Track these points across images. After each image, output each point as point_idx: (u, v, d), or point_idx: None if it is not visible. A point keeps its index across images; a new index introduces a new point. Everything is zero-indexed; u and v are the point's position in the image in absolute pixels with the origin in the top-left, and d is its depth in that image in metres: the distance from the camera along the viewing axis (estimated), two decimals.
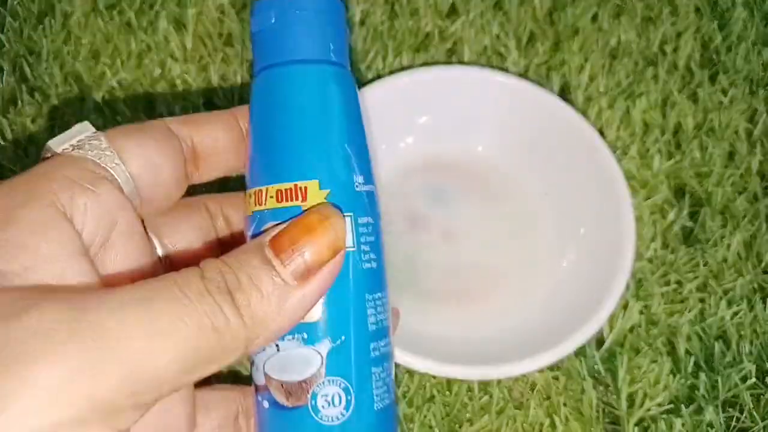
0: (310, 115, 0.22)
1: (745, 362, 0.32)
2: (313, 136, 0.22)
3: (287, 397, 0.21)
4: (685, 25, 0.41)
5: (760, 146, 0.38)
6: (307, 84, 0.23)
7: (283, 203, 0.21)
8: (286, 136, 0.22)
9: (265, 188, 0.22)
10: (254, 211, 0.22)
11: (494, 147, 0.36)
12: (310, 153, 0.22)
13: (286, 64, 0.22)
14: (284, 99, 0.22)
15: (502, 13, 0.41)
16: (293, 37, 0.22)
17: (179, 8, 0.39)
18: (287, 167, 0.22)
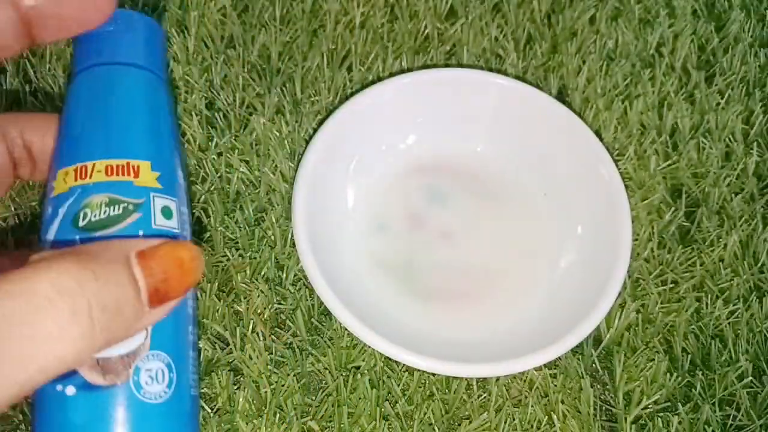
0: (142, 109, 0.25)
1: (741, 361, 0.32)
2: (146, 123, 0.25)
3: (103, 376, 0.20)
4: (682, 27, 0.42)
5: (757, 147, 0.38)
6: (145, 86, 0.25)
7: (113, 177, 0.22)
8: (120, 118, 0.24)
9: (91, 163, 0.22)
10: (74, 186, 0.22)
11: (493, 148, 0.37)
12: (144, 136, 0.24)
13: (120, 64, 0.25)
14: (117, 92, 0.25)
15: (501, 15, 0.41)
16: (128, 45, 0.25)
17: (181, 11, 0.39)
18: (120, 145, 0.23)
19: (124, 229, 0.22)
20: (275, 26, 0.39)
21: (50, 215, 0.22)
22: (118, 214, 0.22)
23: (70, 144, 0.24)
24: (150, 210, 0.23)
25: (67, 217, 0.22)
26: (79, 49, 0.26)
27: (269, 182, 0.35)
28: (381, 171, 0.36)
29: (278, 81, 0.38)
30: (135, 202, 0.22)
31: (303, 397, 0.31)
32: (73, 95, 0.25)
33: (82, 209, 0.22)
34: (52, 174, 0.24)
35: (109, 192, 0.22)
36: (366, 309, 0.31)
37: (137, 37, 0.26)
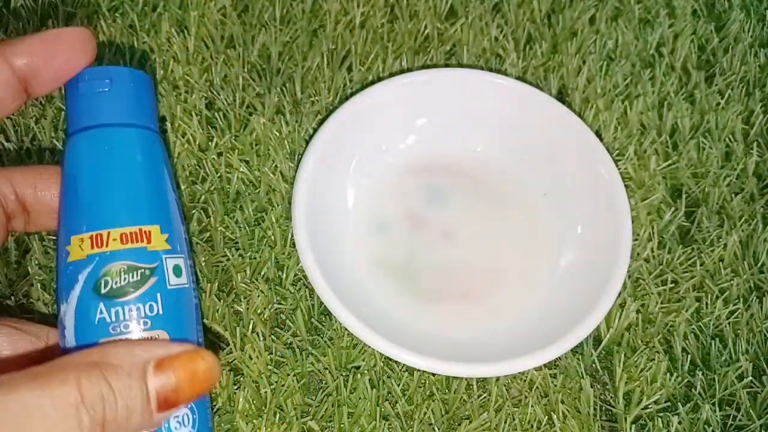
0: (146, 171, 0.26)
1: (741, 361, 0.32)
2: (151, 186, 0.26)
3: None
4: (682, 27, 0.42)
5: (757, 147, 0.38)
6: (146, 145, 0.26)
7: (127, 245, 0.24)
8: (125, 187, 0.25)
9: (106, 232, 0.24)
10: (91, 254, 0.24)
11: (493, 148, 0.37)
12: (151, 202, 0.25)
13: (119, 126, 0.26)
14: (120, 156, 0.25)
15: (501, 15, 0.41)
16: (122, 104, 0.26)
17: (181, 11, 0.39)
18: (132, 213, 0.25)
19: (143, 294, 0.24)
20: (275, 26, 0.39)
21: (68, 280, 0.24)
22: (136, 281, 0.24)
23: (81, 211, 0.24)
24: (164, 272, 0.25)
25: (88, 285, 0.23)
26: (74, 109, 0.26)
27: (269, 182, 0.35)
28: (381, 171, 0.36)
29: (278, 81, 0.38)
30: (150, 267, 0.24)
31: (303, 397, 0.31)
32: (73, 157, 0.25)
33: (103, 277, 0.23)
34: (65, 238, 0.25)
35: (126, 260, 0.24)
36: (366, 309, 0.31)
37: (131, 95, 0.26)
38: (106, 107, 0.25)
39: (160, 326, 0.24)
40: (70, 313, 0.24)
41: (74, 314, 0.24)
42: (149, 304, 0.24)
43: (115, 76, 0.26)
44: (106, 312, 0.23)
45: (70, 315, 0.24)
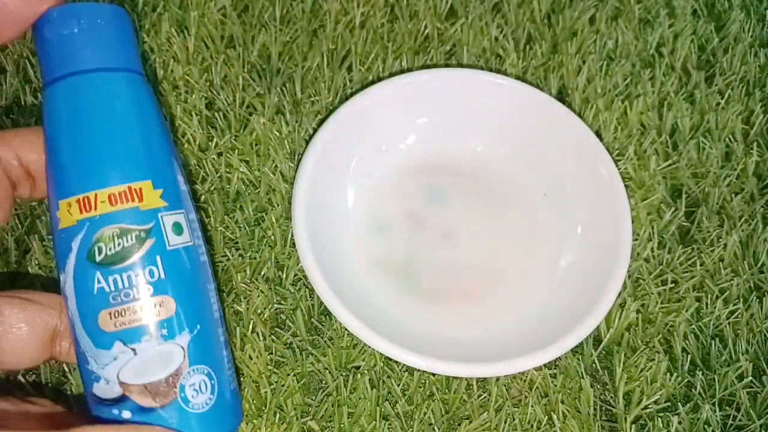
0: (131, 119, 0.23)
1: (741, 361, 0.32)
2: (139, 137, 0.23)
3: (154, 398, 0.22)
4: (682, 27, 0.42)
5: (757, 147, 0.38)
6: (124, 91, 0.23)
7: (117, 206, 0.22)
8: (109, 141, 0.22)
9: (93, 194, 0.22)
10: (80, 219, 0.22)
11: (493, 148, 0.37)
12: (139, 155, 0.23)
13: (95, 71, 0.23)
14: (100, 105, 0.23)
15: (501, 15, 0.41)
16: (98, 46, 0.23)
17: (181, 11, 0.39)
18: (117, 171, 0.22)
19: (142, 258, 0.22)
20: (275, 26, 0.39)
21: (63, 248, 0.22)
22: (132, 244, 0.22)
23: (65, 173, 0.22)
24: (162, 232, 0.23)
25: (82, 253, 0.22)
26: (47, 56, 0.23)
27: (269, 182, 0.35)
28: (381, 171, 0.36)
29: (278, 81, 0.38)
30: (145, 228, 0.22)
31: (303, 397, 0.31)
32: (51, 112, 0.23)
33: (95, 244, 0.22)
34: (53, 203, 0.23)
35: (117, 222, 0.22)
36: (366, 309, 0.31)
37: (106, 34, 0.23)
38: (79, 51, 0.22)
39: (163, 291, 0.22)
40: (69, 283, 0.22)
41: (73, 284, 0.22)
42: (149, 269, 0.22)
43: (85, 14, 0.23)
44: (104, 281, 0.22)
45: (69, 284, 0.22)
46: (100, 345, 0.22)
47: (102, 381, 0.22)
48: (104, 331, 0.22)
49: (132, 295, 0.22)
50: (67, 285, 0.22)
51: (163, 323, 0.22)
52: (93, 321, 0.22)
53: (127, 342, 0.22)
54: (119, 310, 0.22)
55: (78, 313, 0.22)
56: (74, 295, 0.22)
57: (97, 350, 0.22)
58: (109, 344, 0.22)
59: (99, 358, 0.22)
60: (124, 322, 0.22)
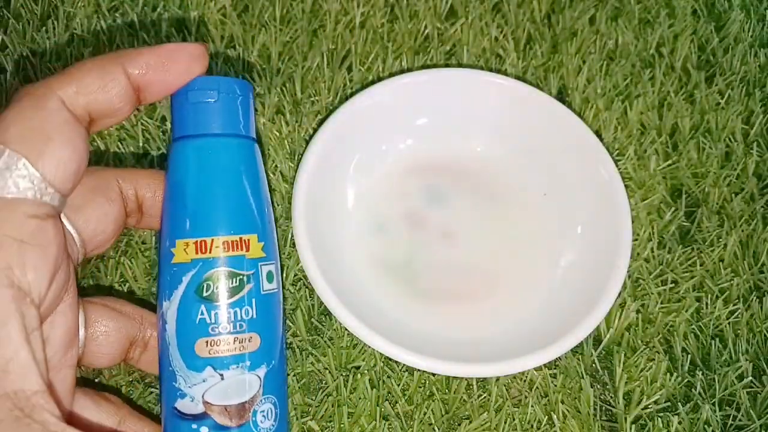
0: (248, 180, 0.27)
1: (741, 361, 0.32)
2: (253, 196, 0.27)
3: (231, 419, 0.25)
4: (682, 27, 0.42)
5: (757, 147, 0.38)
6: (244, 155, 0.27)
7: (230, 252, 0.26)
8: (229, 196, 0.26)
9: (211, 239, 0.25)
10: (195, 258, 0.25)
11: (493, 148, 0.37)
12: (250, 211, 0.27)
13: (225, 136, 0.27)
14: (226, 165, 0.26)
15: (501, 15, 0.41)
16: (229, 115, 0.27)
17: (181, 11, 0.39)
18: (233, 222, 0.26)
19: (240, 298, 0.26)
20: (275, 26, 0.39)
21: (172, 280, 0.26)
22: (235, 286, 0.26)
23: (187, 216, 0.26)
24: (259, 279, 0.26)
25: (191, 287, 0.25)
26: (182, 117, 0.27)
27: (269, 182, 0.35)
28: (381, 171, 0.36)
29: (278, 81, 0.38)
30: (248, 274, 0.26)
31: (303, 397, 0.31)
32: (181, 164, 0.26)
33: (205, 281, 0.25)
34: (170, 240, 0.26)
35: (227, 266, 0.25)
36: (366, 309, 0.31)
37: (235, 105, 0.27)
38: (213, 118, 0.26)
39: (253, 329, 0.26)
40: (172, 310, 0.25)
41: (176, 312, 0.25)
42: (245, 309, 0.26)
43: (222, 87, 0.26)
44: (207, 313, 0.25)
45: (172, 312, 0.25)
46: (191, 367, 0.25)
47: (187, 398, 0.25)
48: (198, 356, 0.25)
49: (228, 328, 0.25)
50: (169, 312, 0.25)
51: (249, 356, 0.26)
52: (190, 346, 0.25)
53: (217, 368, 0.25)
54: (215, 340, 0.25)
55: (176, 337, 0.25)
56: (175, 321, 0.25)
57: (189, 371, 0.25)
58: (200, 368, 0.25)
59: (188, 378, 0.25)
60: (217, 350, 0.25)
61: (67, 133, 0.22)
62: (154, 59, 0.25)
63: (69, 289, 0.24)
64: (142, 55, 0.24)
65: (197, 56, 0.25)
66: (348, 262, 0.33)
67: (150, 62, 0.24)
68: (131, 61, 0.24)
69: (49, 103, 0.22)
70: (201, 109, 0.26)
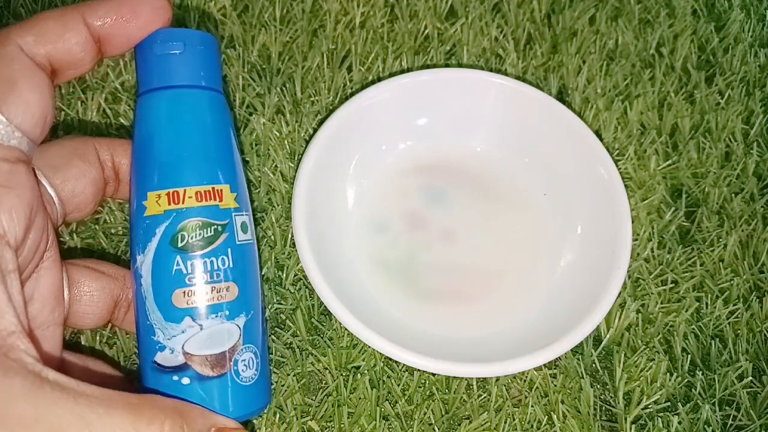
0: (217, 131, 0.27)
1: (741, 361, 0.32)
2: (222, 147, 0.27)
3: (212, 368, 0.25)
4: (682, 27, 0.42)
5: (757, 147, 0.38)
6: (212, 106, 0.27)
7: (203, 202, 0.25)
8: (199, 147, 0.26)
9: (182, 189, 0.25)
10: (168, 209, 0.25)
11: (493, 148, 0.37)
12: (222, 162, 0.27)
13: (192, 87, 0.27)
14: (194, 117, 0.26)
15: (501, 15, 0.41)
16: (195, 67, 0.27)
17: (181, 11, 0.39)
18: (206, 172, 0.26)
19: (216, 248, 0.26)
20: (275, 26, 0.39)
21: (145, 233, 0.26)
22: (210, 236, 0.26)
23: (158, 168, 0.26)
24: (233, 229, 0.27)
25: (165, 238, 0.25)
26: (147, 70, 0.26)
27: (269, 182, 0.35)
28: (381, 171, 0.36)
29: (278, 81, 0.38)
30: (222, 223, 0.26)
31: (303, 397, 0.31)
32: (148, 117, 0.26)
33: (179, 232, 0.25)
34: (141, 193, 0.26)
35: (200, 216, 0.25)
36: (366, 309, 0.31)
37: (202, 57, 0.27)
38: (180, 69, 0.26)
39: (230, 278, 0.26)
40: (147, 263, 0.25)
41: (151, 265, 0.25)
42: (221, 258, 0.26)
43: (187, 39, 0.26)
44: (183, 264, 0.25)
45: (147, 265, 0.25)
46: (170, 319, 0.25)
47: (167, 350, 0.25)
48: (176, 306, 0.25)
49: (204, 278, 0.25)
50: (143, 265, 0.25)
51: (227, 305, 0.26)
52: (167, 298, 0.25)
53: (195, 318, 0.25)
54: (192, 290, 0.25)
55: (152, 290, 0.25)
56: (151, 273, 0.25)
57: (167, 323, 0.25)
58: (179, 319, 0.25)
59: (167, 330, 0.25)
60: (194, 300, 0.25)
61: (30, 78, 0.23)
62: (115, 10, 0.24)
63: (51, 247, 0.24)
64: (102, 6, 0.24)
65: (159, 8, 0.25)
66: (348, 262, 0.33)
67: (111, 13, 0.24)
68: (91, 11, 0.24)
69: (8, 50, 0.22)
70: (166, 61, 0.26)
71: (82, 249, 0.33)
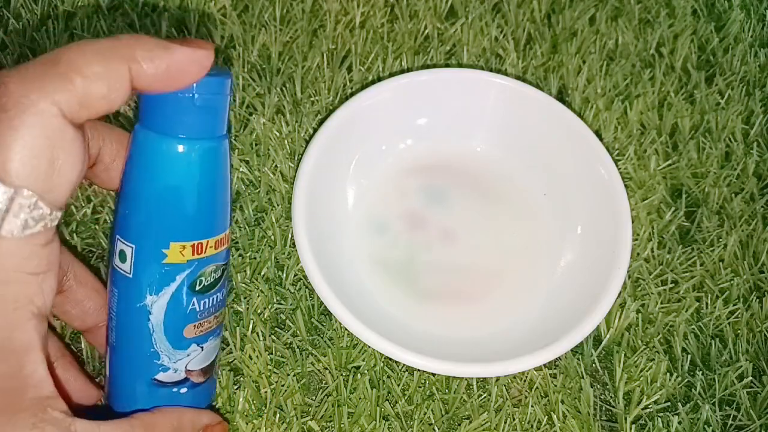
0: (226, 179, 0.27)
1: (741, 361, 0.32)
2: (227, 196, 0.28)
3: (204, 376, 0.28)
4: (682, 27, 0.42)
5: (757, 147, 0.38)
6: (225, 155, 0.27)
7: (218, 249, 0.27)
8: (218, 198, 0.27)
9: (205, 241, 0.27)
10: (191, 259, 0.26)
11: (493, 148, 0.37)
12: (228, 209, 0.28)
13: (223, 138, 0.27)
14: (215, 169, 0.27)
15: (501, 15, 0.41)
16: (215, 117, 0.26)
17: (181, 11, 0.39)
18: (222, 223, 0.28)
19: (221, 285, 0.28)
20: (275, 26, 0.39)
21: (161, 278, 0.26)
22: (219, 276, 0.28)
23: (185, 221, 0.26)
24: (228, 266, 0.29)
25: (184, 284, 0.26)
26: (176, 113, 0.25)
27: (269, 182, 0.35)
28: (381, 171, 0.36)
29: (278, 81, 0.38)
30: (226, 263, 0.28)
31: (303, 397, 0.31)
32: (174, 166, 0.26)
33: (198, 277, 0.27)
34: (161, 241, 0.26)
35: (216, 262, 0.27)
36: (366, 309, 0.31)
37: (224, 103, 0.26)
38: (213, 120, 0.26)
39: (223, 304, 0.29)
40: (160, 304, 0.26)
41: (166, 305, 0.26)
42: (222, 292, 0.28)
43: (219, 87, 0.25)
44: (197, 304, 0.27)
45: (160, 305, 0.26)
46: (178, 347, 0.27)
47: (170, 371, 0.27)
48: (186, 338, 0.27)
49: (212, 311, 0.28)
50: (156, 305, 0.26)
51: (221, 326, 0.29)
52: (178, 331, 0.27)
53: (200, 343, 0.28)
54: (202, 323, 0.27)
55: (163, 326, 0.27)
56: (164, 312, 0.26)
57: (175, 350, 0.27)
58: (186, 347, 0.27)
59: (173, 356, 0.27)
60: (201, 330, 0.27)
61: (70, 153, 0.21)
62: (164, 70, 0.23)
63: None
64: (153, 57, 0.22)
65: (205, 66, 0.24)
66: (348, 262, 0.33)
67: (158, 70, 0.22)
68: (139, 68, 0.22)
69: (47, 119, 0.20)
70: (206, 110, 0.25)
71: (82, 249, 0.33)
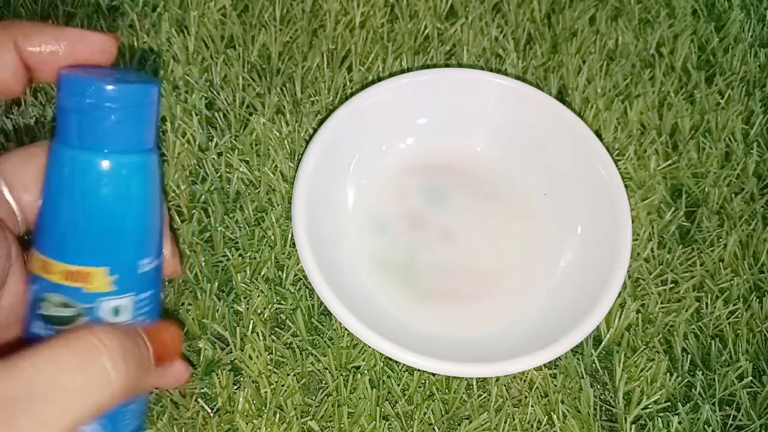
0: (124, 204, 0.23)
1: (741, 361, 0.32)
2: (119, 225, 0.24)
3: None
4: (682, 27, 0.42)
5: (757, 147, 0.38)
6: (134, 174, 0.23)
7: (69, 282, 0.23)
8: (83, 220, 0.23)
9: (54, 262, 0.23)
10: (35, 275, 0.23)
11: (493, 148, 0.37)
12: (103, 242, 0.24)
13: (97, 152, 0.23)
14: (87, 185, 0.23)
15: (501, 15, 0.41)
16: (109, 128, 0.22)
17: (181, 11, 0.39)
18: (79, 251, 0.23)
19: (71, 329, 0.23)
20: (275, 26, 0.39)
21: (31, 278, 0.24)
22: (68, 316, 0.23)
23: (41, 231, 0.24)
24: (97, 314, 0.24)
25: (32, 298, 0.24)
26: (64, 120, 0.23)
27: (269, 182, 0.35)
28: (381, 171, 0.36)
29: (278, 81, 0.38)
30: (84, 307, 0.24)
31: (303, 397, 0.31)
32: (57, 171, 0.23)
33: (42, 300, 0.24)
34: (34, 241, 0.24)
35: (62, 294, 0.23)
36: (366, 309, 0.31)
37: (134, 117, 0.23)
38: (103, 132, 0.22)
39: None
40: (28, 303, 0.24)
41: (29, 308, 0.24)
42: None
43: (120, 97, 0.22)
44: (43, 330, 0.24)
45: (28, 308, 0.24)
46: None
47: None
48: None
49: None
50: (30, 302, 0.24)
51: None
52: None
53: None
54: None
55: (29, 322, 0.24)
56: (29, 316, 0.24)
57: None
58: None
59: None
60: None
61: None
62: (51, 43, 0.22)
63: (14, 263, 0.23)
64: (37, 34, 0.22)
65: (104, 49, 0.23)
66: (348, 262, 0.33)
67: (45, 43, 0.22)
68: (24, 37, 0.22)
69: None
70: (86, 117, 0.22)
71: None
